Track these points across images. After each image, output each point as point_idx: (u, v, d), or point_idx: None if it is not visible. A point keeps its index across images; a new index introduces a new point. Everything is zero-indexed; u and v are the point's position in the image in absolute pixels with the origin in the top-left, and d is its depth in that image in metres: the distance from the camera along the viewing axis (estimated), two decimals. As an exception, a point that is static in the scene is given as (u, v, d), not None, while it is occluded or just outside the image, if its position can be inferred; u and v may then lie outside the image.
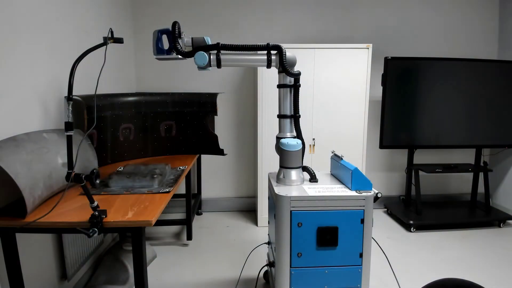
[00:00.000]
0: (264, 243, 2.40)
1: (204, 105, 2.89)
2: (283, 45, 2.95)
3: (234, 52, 1.75)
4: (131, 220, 1.33)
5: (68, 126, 1.35)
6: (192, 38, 1.77)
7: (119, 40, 1.65)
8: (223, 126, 3.54)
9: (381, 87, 3.20)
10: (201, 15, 3.35)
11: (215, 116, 2.99)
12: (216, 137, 2.90)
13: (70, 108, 1.36)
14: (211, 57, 1.74)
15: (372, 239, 1.65)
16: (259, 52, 1.76)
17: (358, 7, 3.44)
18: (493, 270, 2.43)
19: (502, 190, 3.58)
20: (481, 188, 3.67)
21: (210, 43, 1.76)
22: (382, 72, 3.12)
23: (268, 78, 2.97)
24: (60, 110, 1.95)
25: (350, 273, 1.62)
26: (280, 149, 1.77)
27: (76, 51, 2.13)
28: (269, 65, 1.77)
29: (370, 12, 3.46)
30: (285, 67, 1.72)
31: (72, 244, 2.00)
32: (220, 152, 2.90)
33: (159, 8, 3.32)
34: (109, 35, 1.58)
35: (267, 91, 2.99)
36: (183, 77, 3.43)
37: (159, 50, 1.77)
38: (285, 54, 1.73)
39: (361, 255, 1.61)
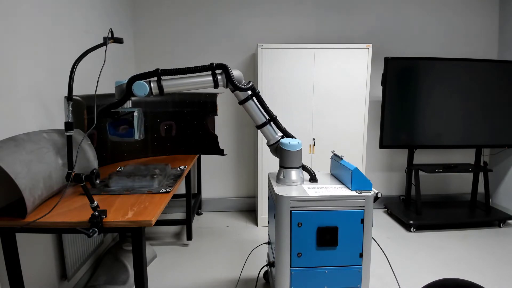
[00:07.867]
0: (264, 243, 2.41)
1: (204, 105, 2.90)
2: (284, 45, 3.00)
3: (177, 76, 1.63)
4: (131, 220, 1.33)
5: (68, 126, 1.35)
6: (115, 96, 1.63)
7: (119, 40, 1.65)
8: (223, 126, 3.54)
9: (381, 87, 3.20)
10: (201, 16, 3.35)
11: (215, 116, 2.99)
12: (216, 137, 2.90)
13: (70, 108, 1.36)
14: (152, 85, 1.59)
15: (372, 239, 1.66)
16: (204, 73, 1.66)
17: (358, 7, 3.44)
18: (493, 270, 2.43)
19: (502, 190, 3.58)
20: (481, 188, 3.67)
21: (124, 82, 1.59)
22: (382, 72, 3.12)
23: (268, 78, 2.97)
24: (60, 110, 1.95)
25: (350, 273, 1.62)
26: (280, 149, 1.77)
27: (76, 51, 2.13)
28: (216, 86, 1.67)
29: (370, 12, 3.46)
30: (236, 84, 1.66)
31: (72, 244, 2.00)
32: (220, 152, 2.90)
33: (159, 8, 3.32)
34: (109, 35, 1.58)
35: (267, 90, 2.99)
36: (183, 77, 3.43)
37: (128, 134, 1.64)
38: (232, 73, 1.65)
39: (361, 255, 1.61)
